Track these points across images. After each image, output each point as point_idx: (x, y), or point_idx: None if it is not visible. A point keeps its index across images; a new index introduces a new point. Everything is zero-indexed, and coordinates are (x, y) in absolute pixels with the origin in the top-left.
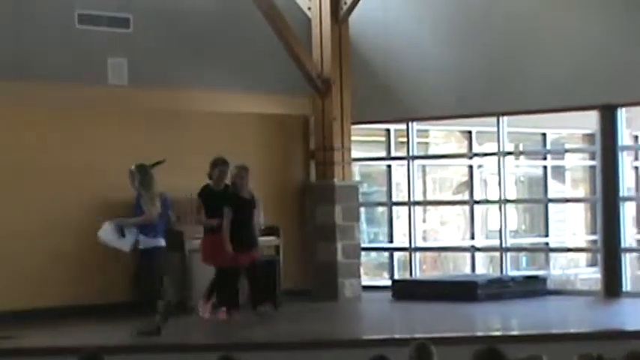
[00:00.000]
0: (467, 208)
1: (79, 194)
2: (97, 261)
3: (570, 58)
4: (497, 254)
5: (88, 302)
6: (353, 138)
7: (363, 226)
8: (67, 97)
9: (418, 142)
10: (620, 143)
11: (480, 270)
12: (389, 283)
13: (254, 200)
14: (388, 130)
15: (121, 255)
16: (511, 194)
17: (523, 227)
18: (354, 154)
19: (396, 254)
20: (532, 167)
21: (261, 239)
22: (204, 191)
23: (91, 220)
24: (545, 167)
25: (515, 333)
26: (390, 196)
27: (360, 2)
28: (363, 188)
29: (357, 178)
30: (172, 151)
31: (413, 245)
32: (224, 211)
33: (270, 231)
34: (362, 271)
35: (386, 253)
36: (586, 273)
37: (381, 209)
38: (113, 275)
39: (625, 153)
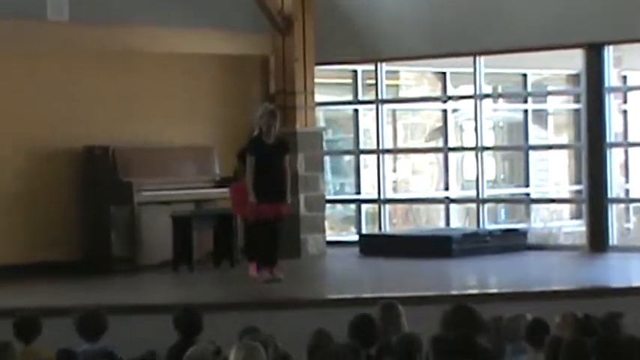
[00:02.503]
0: (441, 156)
1: (19, 144)
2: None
3: None
4: (473, 206)
5: (33, 260)
6: (317, 80)
7: (328, 176)
8: None
9: (388, 85)
10: (607, 84)
11: (455, 223)
12: (356, 238)
13: (283, 146)
14: (355, 72)
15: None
16: (489, 141)
17: (502, 177)
18: (318, 97)
19: (364, 207)
20: (511, 111)
21: (216, 191)
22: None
23: (35, 171)
24: (525, 111)
25: (492, 291)
26: (357, 143)
27: None
28: (328, 135)
29: (321, 124)
30: (119, 96)
31: (382, 197)
32: (246, 158)
33: (225, 182)
34: (327, 225)
35: (353, 206)
36: (570, 226)
37: (347, 158)
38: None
39: (612, 95)
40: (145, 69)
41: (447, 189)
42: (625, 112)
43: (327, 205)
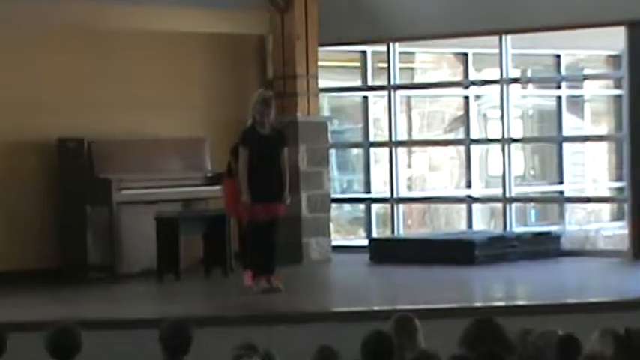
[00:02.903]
0: (462, 149)
1: None
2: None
3: None
4: (499, 206)
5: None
6: (320, 63)
7: (334, 172)
8: None
9: (401, 68)
10: None
11: (479, 226)
12: (366, 242)
13: (280, 137)
14: (364, 53)
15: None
16: (517, 132)
17: (531, 172)
18: (322, 83)
19: (375, 207)
20: (543, 98)
21: (207, 189)
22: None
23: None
24: (558, 98)
25: (520, 303)
26: (366, 135)
27: None
28: (334, 126)
29: (325, 113)
30: (96, 81)
31: (395, 196)
32: (239, 151)
33: (218, 178)
34: (332, 228)
35: (362, 206)
36: (609, 229)
37: (355, 151)
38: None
39: None
40: (126, 50)
41: (469, 187)
42: None
43: (333, 205)
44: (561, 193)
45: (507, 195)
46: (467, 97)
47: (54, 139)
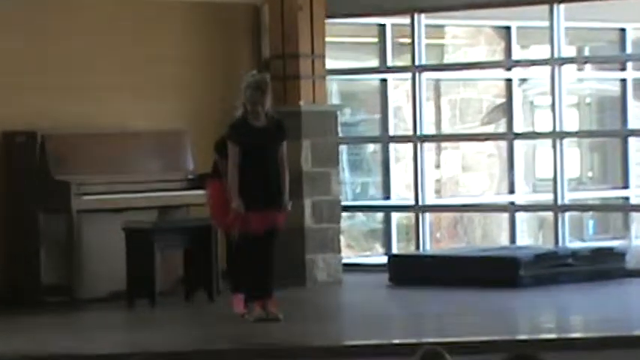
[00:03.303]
0: (503, 145)
1: None
2: None
3: None
4: (549, 215)
5: None
6: (328, 39)
7: (345, 173)
8: None
9: (429, 45)
10: None
11: (524, 240)
12: (384, 260)
13: (278, 130)
14: (382, 27)
15: None
16: (571, 123)
17: (589, 174)
18: (331, 63)
19: (396, 216)
20: (603, 82)
21: (188, 194)
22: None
23: None
24: (623, 82)
25: (575, 335)
26: (385, 127)
27: None
28: (345, 116)
29: (335, 100)
30: (51, 61)
31: (421, 202)
32: (228, 149)
33: (201, 181)
34: (343, 242)
35: (380, 215)
36: None
37: (372, 148)
38: None
39: None
40: (88, 23)
41: (511, 192)
42: None
43: (344, 214)
44: (626, 199)
45: (559, 202)
46: (509, 81)
47: None
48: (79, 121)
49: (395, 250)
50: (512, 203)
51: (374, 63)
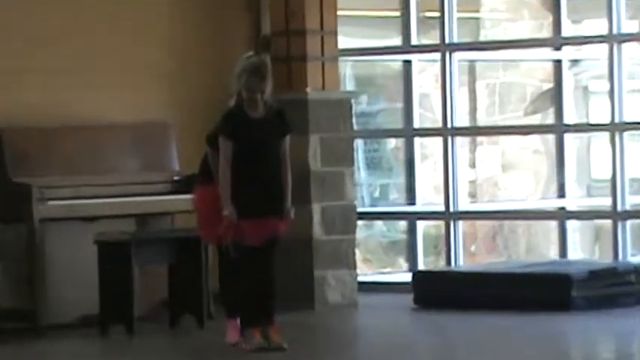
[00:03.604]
0: (552, 139)
1: None
2: None
3: None
4: (607, 224)
5: None
6: (341, 13)
7: (361, 173)
8: None
9: (461, 19)
10: None
11: (577, 254)
12: (408, 277)
13: (280, 122)
14: None
15: None
16: (633, 113)
17: None
18: (344, 42)
19: (422, 225)
20: None
21: (173, 198)
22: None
23: None
24: None
25: None
26: (409, 118)
27: None
28: (361, 105)
29: (349, 86)
30: (14, 39)
31: (452, 209)
32: (219, 144)
33: (189, 183)
34: (359, 256)
35: (403, 224)
36: None
37: (393, 143)
38: None
39: None
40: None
41: (561, 196)
42: None
43: (360, 223)
44: None
45: (619, 208)
46: (558, 62)
47: None
48: (44, 112)
49: (421, 266)
50: (562, 209)
51: (396, 41)
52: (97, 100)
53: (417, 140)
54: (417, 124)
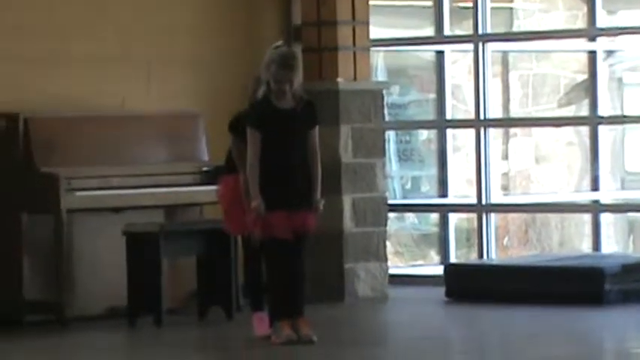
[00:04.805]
0: (586, 131)
1: None
2: None
3: None
4: None
5: None
6: (373, 3)
7: (392, 165)
8: None
9: (495, 9)
10: None
11: (611, 247)
12: (440, 270)
13: (309, 113)
14: None
15: None
16: None
17: None
18: (375, 32)
19: (454, 217)
20: None
21: (202, 189)
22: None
23: None
24: None
25: None
26: (441, 109)
27: None
28: (392, 96)
29: (380, 77)
30: (40, 27)
31: (485, 201)
32: (247, 135)
33: (218, 173)
34: (390, 248)
35: (435, 216)
36: None
37: (425, 134)
38: None
39: None
40: None
41: (595, 188)
42: None
43: (391, 215)
44: None
45: None
46: (593, 54)
47: None
48: (70, 102)
49: (453, 259)
50: (595, 202)
51: (428, 32)
52: (126, 90)
53: (449, 132)
54: (449, 116)
